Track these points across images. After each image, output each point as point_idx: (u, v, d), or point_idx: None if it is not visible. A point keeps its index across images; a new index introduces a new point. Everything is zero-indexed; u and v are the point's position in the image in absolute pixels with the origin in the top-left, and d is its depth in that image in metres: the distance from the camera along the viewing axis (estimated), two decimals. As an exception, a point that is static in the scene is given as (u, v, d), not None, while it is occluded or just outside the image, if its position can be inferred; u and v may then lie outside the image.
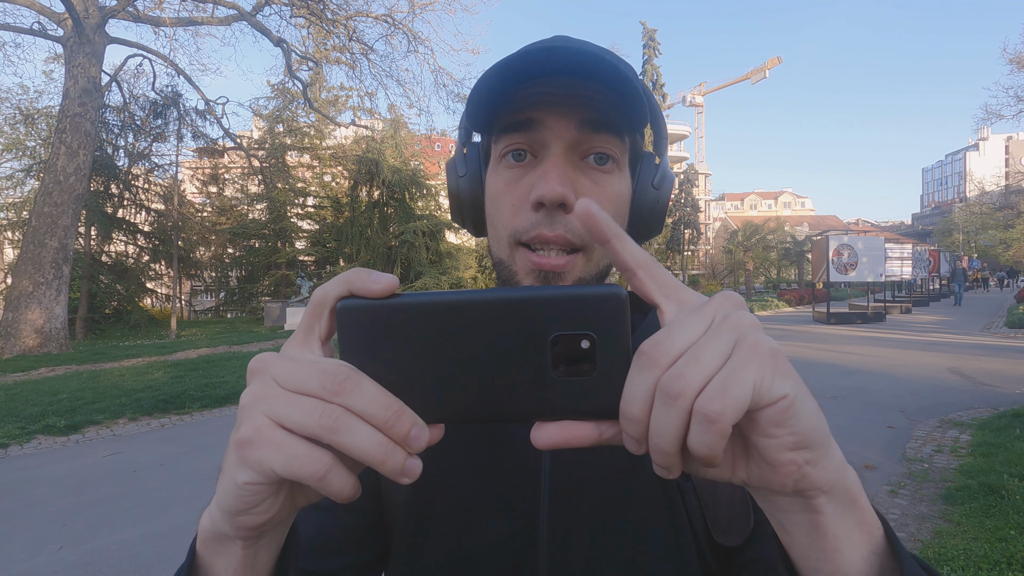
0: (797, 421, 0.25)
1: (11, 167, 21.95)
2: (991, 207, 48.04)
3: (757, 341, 0.25)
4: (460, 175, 0.54)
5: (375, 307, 0.27)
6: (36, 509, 3.66)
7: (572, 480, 0.49)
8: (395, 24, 16.01)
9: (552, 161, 0.46)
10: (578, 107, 0.46)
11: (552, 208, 0.45)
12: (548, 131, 0.46)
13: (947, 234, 58.00)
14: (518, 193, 0.47)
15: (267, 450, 0.26)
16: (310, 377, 0.26)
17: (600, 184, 0.47)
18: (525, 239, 0.46)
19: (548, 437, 0.27)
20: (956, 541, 2.88)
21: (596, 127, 0.46)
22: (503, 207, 0.48)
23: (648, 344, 0.25)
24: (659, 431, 0.25)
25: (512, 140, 0.47)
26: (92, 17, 12.41)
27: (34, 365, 9.44)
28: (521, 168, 0.48)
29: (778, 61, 67.77)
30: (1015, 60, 19.89)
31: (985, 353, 9.29)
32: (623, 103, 0.45)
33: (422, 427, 0.27)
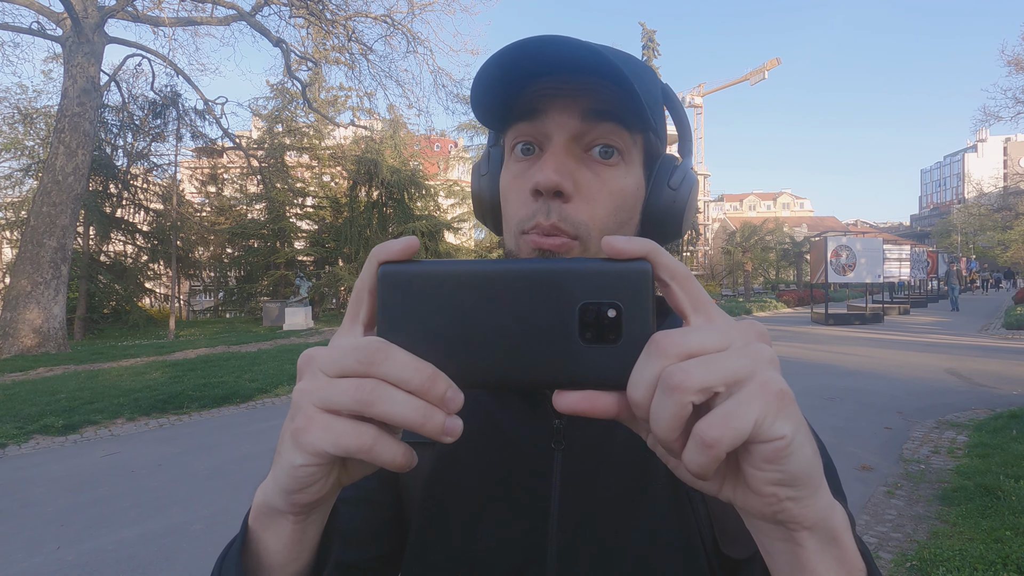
0: (789, 462, 0.26)
1: (10, 167, 21.92)
2: (989, 208, 48.03)
3: (769, 379, 0.26)
4: (482, 174, 0.56)
5: (413, 272, 0.29)
6: (34, 509, 3.66)
7: (583, 480, 0.49)
8: (394, 24, 16.02)
9: (551, 152, 0.46)
10: (580, 96, 0.46)
11: (548, 196, 0.46)
12: (551, 122, 0.47)
13: (945, 235, 58.08)
14: (523, 184, 0.48)
15: (317, 433, 0.28)
16: (345, 357, 0.28)
17: (602, 177, 0.47)
18: (526, 227, 0.47)
19: (570, 403, 0.28)
20: (952, 542, 2.89)
21: (599, 116, 0.46)
22: (511, 199, 0.50)
23: (662, 335, 0.26)
24: (656, 419, 0.26)
25: (520, 131, 0.49)
26: (91, 17, 12.40)
27: (32, 365, 9.43)
28: (528, 161, 0.49)
29: (777, 62, 67.78)
30: (1013, 62, 19.93)
31: (982, 354, 9.31)
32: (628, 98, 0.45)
33: (456, 389, 0.28)
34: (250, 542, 0.36)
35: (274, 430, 5.49)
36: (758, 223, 40.96)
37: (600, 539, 0.48)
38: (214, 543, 3.08)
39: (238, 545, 0.36)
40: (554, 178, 0.45)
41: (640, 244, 0.28)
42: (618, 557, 0.48)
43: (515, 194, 0.49)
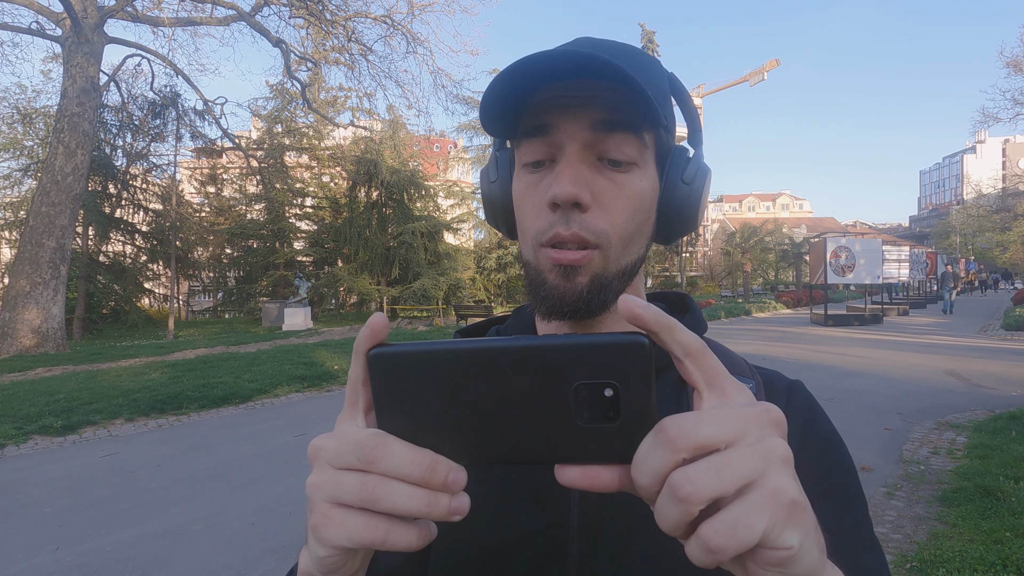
0: (793, 567, 0.25)
1: (9, 167, 21.91)
2: (988, 209, 48.11)
3: (780, 487, 0.25)
4: (492, 180, 0.56)
5: (402, 353, 0.29)
6: (33, 510, 3.65)
7: None
8: (394, 25, 16.03)
9: (566, 162, 0.46)
10: (589, 108, 0.46)
11: (566, 207, 0.46)
12: (562, 133, 0.47)
13: (944, 236, 58.18)
14: (537, 196, 0.48)
15: (333, 530, 0.29)
16: (347, 453, 0.29)
17: (618, 183, 0.48)
18: (544, 240, 0.47)
19: (571, 479, 0.28)
20: (952, 543, 2.89)
21: (610, 127, 0.46)
22: (526, 211, 0.50)
23: (672, 423, 0.25)
24: (661, 516, 0.26)
25: (531, 145, 0.49)
26: (90, 17, 12.40)
27: (31, 365, 9.42)
28: (540, 172, 0.49)
29: (776, 63, 67.78)
30: (1012, 64, 19.97)
31: (982, 355, 9.32)
32: (637, 102, 0.45)
33: (458, 469, 0.29)
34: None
35: (273, 431, 5.49)
36: (757, 224, 41.05)
37: (620, 534, 0.48)
38: (213, 544, 3.08)
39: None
40: (572, 190, 0.45)
41: (653, 315, 0.27)
42: (639, 552, 0.48)
43: (530, 205, 0.49)
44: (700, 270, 52.66)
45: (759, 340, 12.24)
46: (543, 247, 0.48)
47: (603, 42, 0.52)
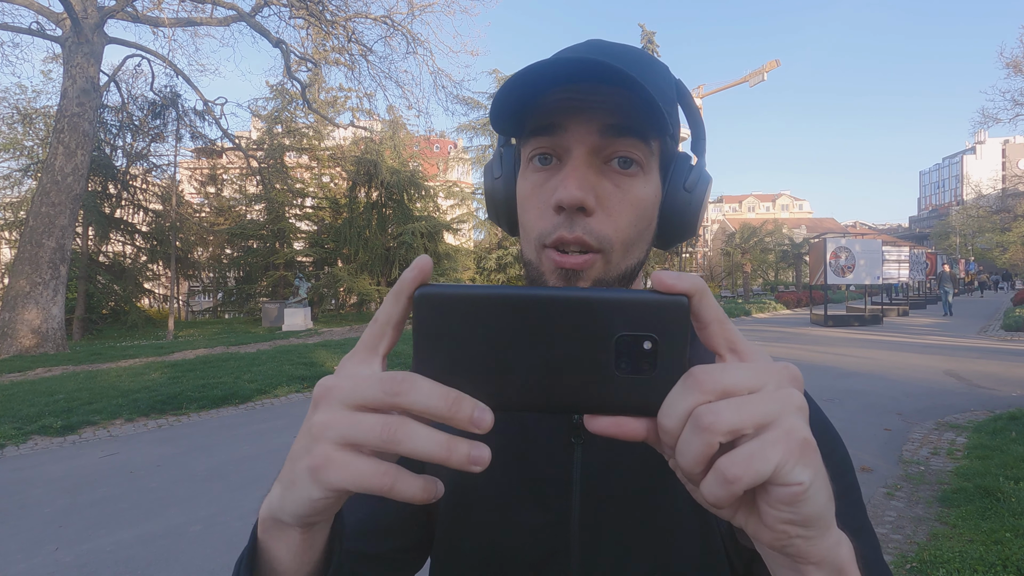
0: (803, 506, 0.27)
1: (9, 167, 21.91)
2: (988, 210, 48.13)
3: (794, 426, 0.27)
4: (495, 177, 0.56)
5: (451, 295, 0.29)
6: (32, 510, 3.65)
7: (603, 473, 0.51)
8: (394, 25, 16.03)
9: (572, 165, 0.47)
10: (599, 112, 0.46)
11: (571, 211, 0.46)
12: (571, 136, 0.47)
13: (944, 237, 58.18)
14: (543, 196, 0.49)
15: (338, 471, 0.29)
16: (370, 388, 0.29)
17: (623, 188, 0.48)
18: (548, 242, 0.48)
19: (600, 427, 0.29)
20: (952, 543, 2.89)
21: (618, 132, 0.47)
22: (530, 210, 0.50)
23: (699, 369, 0.28)
24: (682, 451, 0.27)
25: (538, 144, 0.49)
26: (91, 17, 12.40)
27: (31, 365, 9.42)
28: (546, 172, 0.49)
29: (776, 64, 67.78)
30: (1012, 64, 19.98)
31: (981, 356, 9.32)
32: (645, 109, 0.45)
33: (483, 408, 0.28)
34: (260, 551, 0.36)
35: (273, 431, 5.48)
36: (757, 224, 41.03)
37: (621, 530, 0.49)
38: (213, 544, 3.07)
39: (247, 557, 0.36)
40: (577, 195, 0.45)
41: (689, 281, 0.29)
42: (639, 547, 0.49)
43: (534, 205, 0.50)
44: (700, 270, 52.66)
45: (759, 341, 12.24)
46: (546, 248, 0.48)
47: (614, 46, 0.52)
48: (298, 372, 7.99)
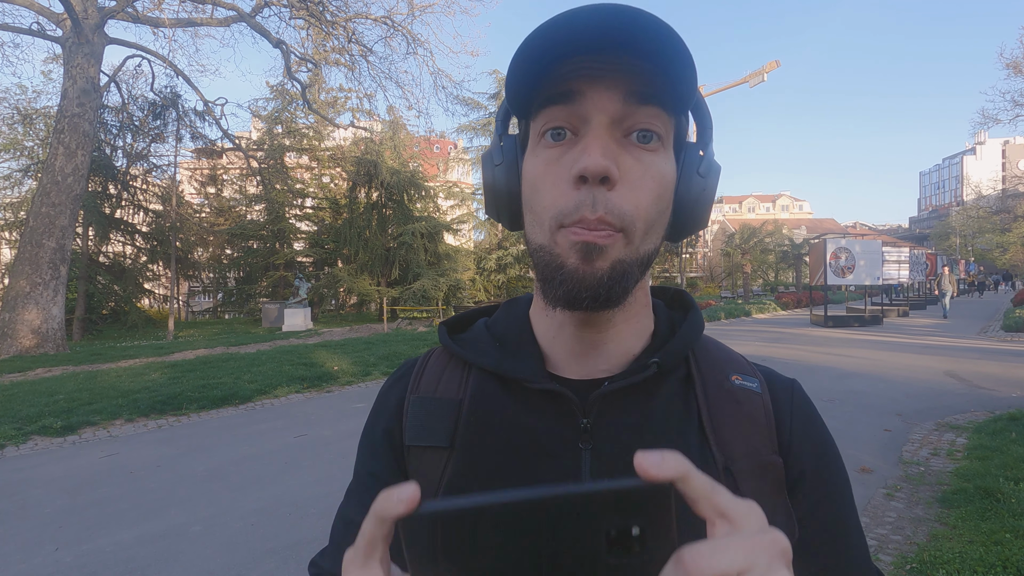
0: None
1: (9, 167, 21.92)
2: (988, 211, 48.16)
3: None
4: (496, 164, 0.51)
5: (439, 514, 0.30)
6: (32, 511, 3.65)
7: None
8: (394, 26, 16.04)
9: (594, 134, 0.44)
10: (622, 78, 0.43)
11: (594, 183, 0.43)
12: (590, 104, 0.44)
13: (944, 237, 58.19)
14: (559, 172, 0.45)
15: None
16: None
17: (644, 162, 0.45)
18: (568, 222, 0.44)
19: None
20: (952, 544, 2.88)
21: (641, 99, 0.44)
22: (543, 189, 0.46)
23: (689, 553, 0.27)
24: None
25: (552, 115, 0.45)
26: (91, 17, 12.40)
27: (31, 366, 9.42)
28: (561, 147, 0.45)
29: (776, 64, 67.74)
30: (1012, 65, 20.00)
31: (981, 356, 9.32)
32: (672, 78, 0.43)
33: None
34: None
35: (273, 431, 5.48)
36: (757, 225, 41.03)
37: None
38: (213, 544, 3.08)
39: None
40: (603, 162, 0.42)
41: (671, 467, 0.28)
42: None
43: (550, 182, 0.45)
44: (700, 271, 52.68)
45: (759, 341, 12.24)
46: (563, 228, 0.45)
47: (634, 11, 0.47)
48: (298, 373, 7.99)
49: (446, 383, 0.54)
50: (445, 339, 0.57)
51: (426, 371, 0.56)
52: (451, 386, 0.54)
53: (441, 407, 0.53)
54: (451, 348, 0.56)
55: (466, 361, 0.55)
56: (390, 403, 0.56)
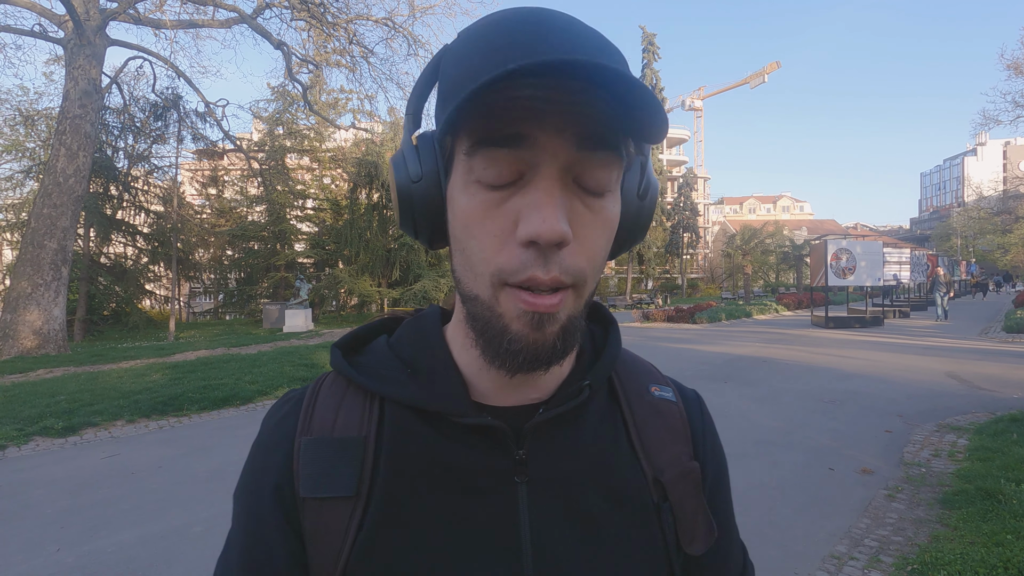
0: None
1: (11, 168, 21.98)
2: (989, 212, 48.11)
3: None
4: (414, 180, 0.43)
5: None
6: (33, 511, 3.65)
7: (551, 509, 0.47)
8: (395, 27, 16.06)
9: (547, 191, 0.38)
10: (575, 114, 0.37)
11: (548, 248, 0.38)
12: (540, 150, 0.37)
13: (945, 239, 58.12)
14: (500, 222, 0.39)
15: None
16: None
17: (594, 210, 0.40)
18: (513, 281, 0.39)
19: None
20: (953, 545, 2.88)
21: (596, 144, 0.38)
22: (482, 237, 0.40)
23: None
24: None
25: (494, 158, 0.38)
26: (93, 19, 12.43)
27: (32, 366, 9.43)
28: (501, 193, 0.39)
29: (777, 66, 67.91)
30: (1012, 66, 19.98)
31: (983, 357, 9.31)
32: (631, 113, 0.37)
33: None
34: None
35: (274, 432, 5.49)
36: (758, 226, 41.03)
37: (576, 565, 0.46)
38: (214, 545, 3.08)
39: None
40: (560, 228, 0.37)
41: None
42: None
43: (489, 231, 0.39)
44: (701, 272, 52.65)
45: (760, 342, 12.23)
46: (507, 287, 0.40)
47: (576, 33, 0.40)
48: (299, 373, 7.99)
49: (345, 419, 0.47)
50: (341, 365, 0.49)
51: (317, 406, 0.48)
52: (351, 421, 0.46)
53: (342, 449, 0.45)
54: (350, 376, 0.48)
55: (367, 391, 0.48)
56: (276, 450, 0.47)
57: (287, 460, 0.46)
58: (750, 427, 5.28)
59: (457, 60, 0.40)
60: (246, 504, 0.47)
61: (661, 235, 39.28)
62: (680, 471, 0.51)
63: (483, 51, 0.38)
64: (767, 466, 4.25)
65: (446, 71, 0.41)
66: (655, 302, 28.91)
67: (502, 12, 0.41)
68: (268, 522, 0.45)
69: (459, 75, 0.39)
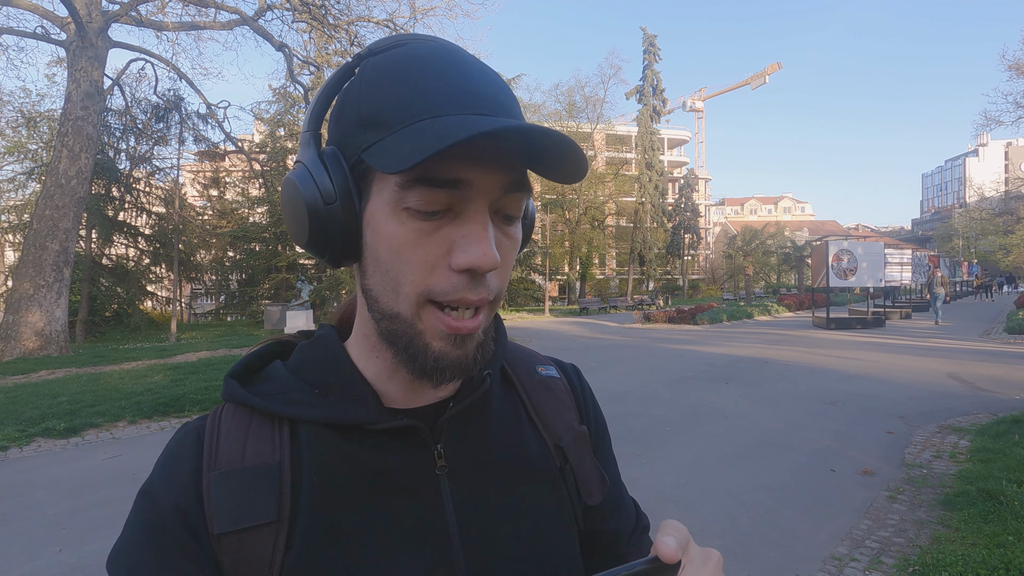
0: None
1: (13, 170, 22.03)
2: (990, 213, 48.12)
3: None
4: (328, 202, 0.44)
5: None
6: (35, 512, 3.66)
7: (472, 492, 0.50)
8: (396, 29, 16.08)
9: (481, 223, 0.42)
10: (502, 168, 0.43)
11: (482, 274, 0.43)
12: (474, 191, 0.42)
13: (947, 239, 58.05)
14: (432, 249, 0.42)
15: None
16: None
17: (511, 236, 0.46)
18: (442, 300, 0.43)
19: None
20: (954, 547, 2.88)
21: (517, 188, 0.44)
22: (412, 262, 0.43)
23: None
24: None
25: (428, 196, 0.41)
26: (95, 21, 12.47)
27: (34, 368, 9.44)
28: (434, 223, 0.42)
29: (778, 67, 67.92)
30: (1014, 67, 19.98)
31: (984, 359, 9.29)
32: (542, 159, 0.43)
33: None
34: None
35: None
36: (759, 227, 41.01)
37: (501, 542, 0.49)
38: (215, 546, 3.07)
39: None
40: (497, 259, 0.42)
41: (683, 543, 0.39)
42: (520, 550, 0.50)
43: (419, 257, 0.42)
44: (702, 273, 52.62)
45: (761, 343, 12.22)
46: (430, 304, 0.43)
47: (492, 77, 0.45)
48: (300, 375, 8.00)
49: (254, 448, 0.46)
50: (243, 395, 0.48)
51: (221, 438, 0.47)
52: (262, 450, 0.46)
53: (256, 477, 0.45)
54: (255, 405, 0.48)
55: (275, 417, 0.48)
56: (179, 491, 0.45)
57: (194, 498, 0.44)
58: (751, 428, 5.28)
59: (381, 88, 0.43)
60: (146, 554, 0.44)
61: (662, 236, 39.25)
62: (574, 436, 0.57)
63: (417, 89, 0.42)
64: (768, 467, 4.25)
65: (364, 94, 0.43)
66: (656, 303, 28.90)
67: (418, 46, 0.45)
68: (179, 565, 0.43)
69: (390, 108, 0.42)
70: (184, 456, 0.47)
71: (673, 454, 4.60)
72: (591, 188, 33.92)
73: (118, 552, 0.45)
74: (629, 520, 0.62)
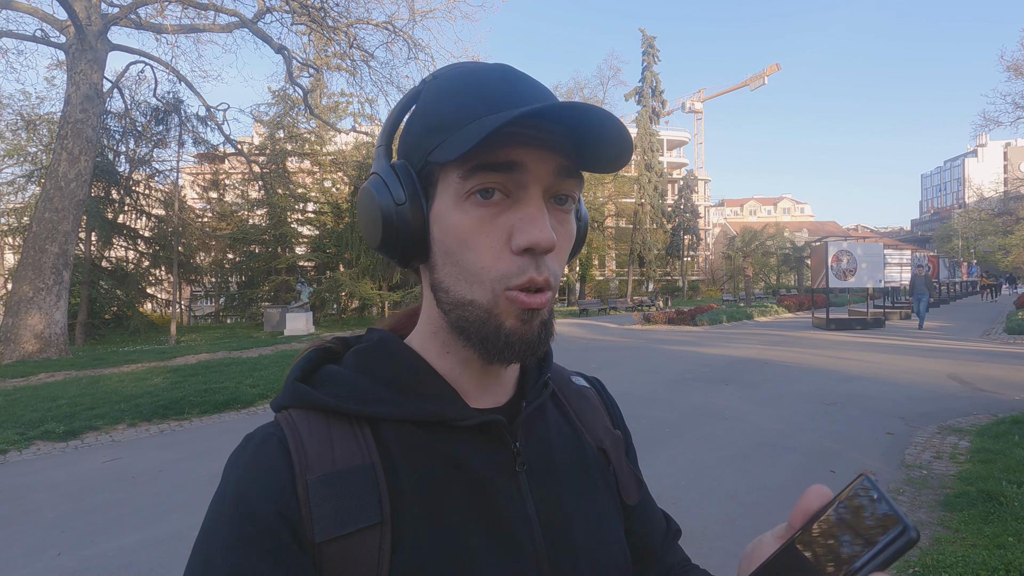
0: None
1: (13, 172, 22.04)
2: (990, 213, 48.14)
3: None
4: (399, 203, 0.48)
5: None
6: (34, 515, 3.66)
7: (548, 490, 0.53)
8: (395, 31, 16.10)
9: (537, 205, 0.45)
10: (555, 152, 0.46)
11: (541, 254, 0.45)
12: (530, 175, 0.45)
13: (946, 240, 58.10)
14: (495, 233, 0.45)
15: None
16: None
17: (564, 224, 0.49)
18: (515, 284, 0.45)
19: None
20: (955, 548, 2.88)
21: (569, 173, 0.47)
22: (480, 247, 0.46)
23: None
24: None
25: (487, 179, 0.45)
26: (94, 24, 12.48)
27: (33, 370, 9.44)
28: (493, 207, 0.45)
29: (777, 68, 68.01)
30: (1013, 67, 20.01)
31: (984, 359, 9.29)
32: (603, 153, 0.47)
33: None
34: None
35: (275, 436, 5.49)
36: (759, 228, 41.06)
37: (578, 541, 0.52)
38: (215, 549, 3.07)
39: None
40: (553, 237, 0.45)
41: None
42: (593, 549, 0.53)
43: (486, 243, 0.46)
44: (701, 274, 52.62)
45: (761, 344, 12.22)
46: (508, 290, 0.46)
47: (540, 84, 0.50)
48: (300, 377, 7.99)
49: (342, 450, 0.46)
50: (322, 398, 0.49)
51: (307, 443, 0.46)
52: (350, 451, 0.46)
53: (353, 480, 0.45)
54: (337, 408, 0.48)
55: (352, 418, 0.48)
56: (278, 498, 0.43)
57: (291, 506, 0.43)
58: (751, 429, 5.28)
59: (442, 100, 0.47)
60: (259, 557, 0.41)
61: (662, 237, 39.26)
62: (612, 440, 0.61)
63: (476, 94, 0.46)
64: (768, 468, 4.24)
65: (428, 108, 0.48)
66: (656, 304, 28.89)
67: (476, 64, 0.50)
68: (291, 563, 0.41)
69: (452, 113, 0.46)
70: (272, 463, 0.45)
71: (673, 455, 4.59)
72: (590, 189, 33.93)
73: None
74: (660, 524, 0.66)
